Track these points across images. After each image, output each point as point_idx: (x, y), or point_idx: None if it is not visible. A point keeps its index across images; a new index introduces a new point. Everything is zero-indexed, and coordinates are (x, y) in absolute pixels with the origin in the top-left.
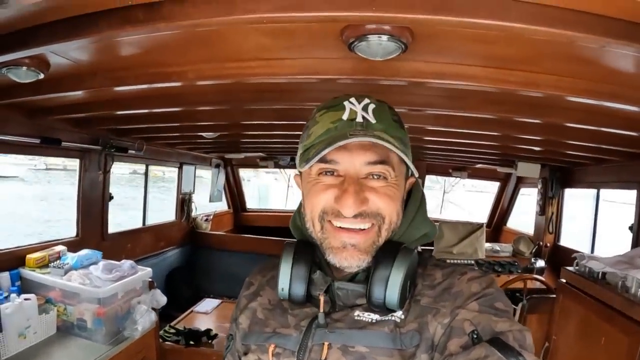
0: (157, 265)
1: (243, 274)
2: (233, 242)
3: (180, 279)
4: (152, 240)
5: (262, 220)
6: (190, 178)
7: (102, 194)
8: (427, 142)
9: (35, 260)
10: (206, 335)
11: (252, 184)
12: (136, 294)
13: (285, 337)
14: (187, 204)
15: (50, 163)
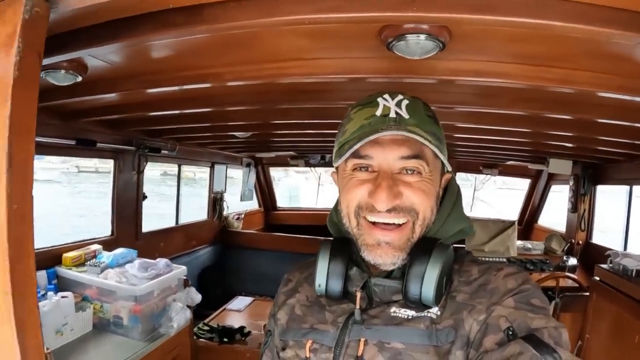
0: (189, 264)
1: (274, 272)
2: (264, 241)
3: (212, 277)
4: (184, 239)
5: (292, 219)
6: (221, 177)
7: (136, 193)
8: (458, 139)
9: (71, 259)
10: (240, 332)
11: (282, 183)
12: (171, 291)
13: (323, 333)
14: (218, 203)
15: (82, 166)
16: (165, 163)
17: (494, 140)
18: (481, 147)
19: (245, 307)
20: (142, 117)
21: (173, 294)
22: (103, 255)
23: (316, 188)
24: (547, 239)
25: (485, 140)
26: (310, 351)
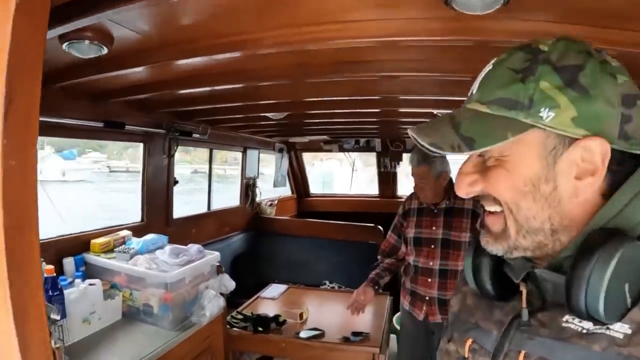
0: (221, 250)
1: (307, 260)
2: (297, 227)
3: (245, 265)
4: (217, 226)
5: (325, 206)
6: (254, 162)
7: (167, 178)
8: None
9: (100, 245)
10: (275, 321)
11: (315, 169)
12: (204, 278)
13: (485, 333)
14: (251, 189)
15: (113, 166)
16: (197, 147)
17: None
18: None
19: (280, 295)
20: (172, 96)
21: (205, 281)
22: (132, 242)
23: (350, 174)
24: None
25: None
26: (469, 351)
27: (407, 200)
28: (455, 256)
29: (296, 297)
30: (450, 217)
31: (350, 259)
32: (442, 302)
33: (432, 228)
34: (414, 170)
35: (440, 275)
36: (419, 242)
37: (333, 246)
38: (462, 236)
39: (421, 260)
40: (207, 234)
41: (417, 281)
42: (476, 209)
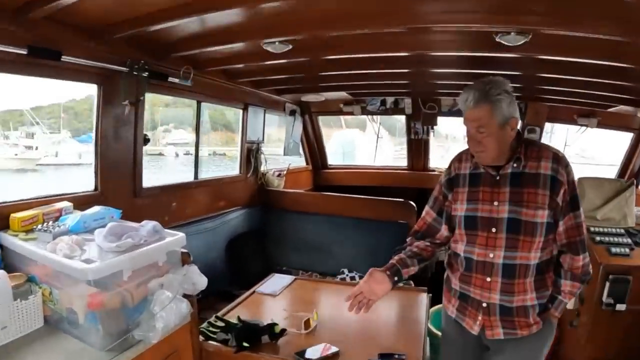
0: (214, 230)
1: (323, 242)
2: (312, 203)
3: (246, 247)
4: (209, 199)
5: (346, 179)
6: (258, 124)
7: (133, 134)
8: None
9: (21, 221)
10: (268, 331)
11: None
12: (157, 272)
13: None
14: (254, 156)
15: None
16: (177, 95)
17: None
18: (581, 85)
19: (283, 289)
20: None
21: (159, 276)
22: (68, 217)
23: (375, 142)
24: None
25: (586, 71)
26: None
27: (455, 162)
28: (528, 245)
29: (304, 293)
30: (520, 187)
31: (376, 241)
32: (507, 311)
33: (493, 203)
34: (469, 113)
35: (505, 273)
36: (473, 223)
37: (355, 226)
38: (537, 215)
39: (476, 251)
40: (194, 208)
41: (470, 280)
42: (557, 174)
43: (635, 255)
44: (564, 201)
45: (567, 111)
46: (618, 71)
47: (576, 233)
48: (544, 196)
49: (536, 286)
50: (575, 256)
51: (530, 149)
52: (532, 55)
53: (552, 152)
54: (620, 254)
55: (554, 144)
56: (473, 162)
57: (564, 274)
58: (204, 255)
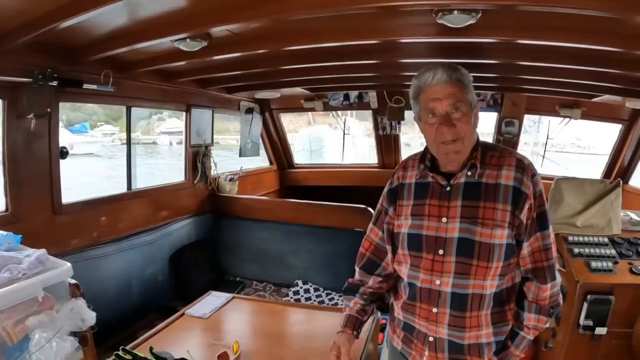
0: (154, 243)
1: (278, 250)
2: (266, 209)
3: (194, 258)
4: (147, 210)
5: (314, 179)
6: (205, 125)
7: (48, 148)
8: (528, 66)
9: None
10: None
11: (300, 136)
12: (38, 308)
13: None
14: (200, 160)
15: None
16: (100, 103)
17: (588, 53)
18: (565, 72)
19: (214, 310)
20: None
21: (37, 314)
22: None
23: (341, 139)
24: None
25: (574, 57)
26: None
27: (399, 170)
28: (482, 271)
29: (237, 317)
30: (476, 201)
31: (330, 250)
32: (457, 348)
33: (441, 219)
34: (441, 88)
35: (454, 304)
36: (417, 243)
37: (309, 234)
38: (495, 235)
39: (421, 276)
40: (130, 222)
41: (414, 310)
42: (521, 185)
43: (619, 269)
44: (530, 218)
45: (548, 101)
46: (602, 56)
47: (544, 257)
48: (504, 212)
49: (493, 320)
50: (542, 285)
51: (489, 155)
52: (509, 39)
53: (515, 158)
54: (601, 269)
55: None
56: (421, 169)
57: (527, 306)
58: (141, 270)
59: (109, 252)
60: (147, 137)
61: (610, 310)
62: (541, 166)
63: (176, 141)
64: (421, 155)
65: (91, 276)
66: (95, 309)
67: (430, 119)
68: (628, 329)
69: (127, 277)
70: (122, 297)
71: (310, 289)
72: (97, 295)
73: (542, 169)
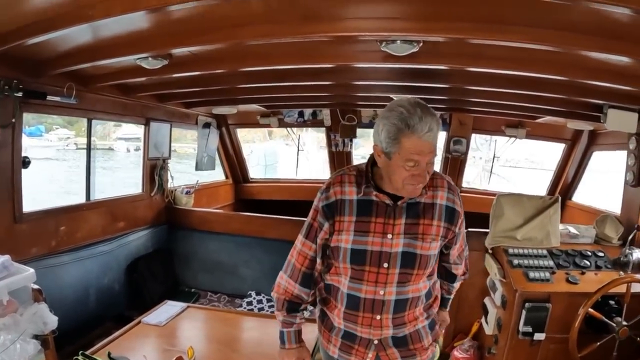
0: (111, 253)
1: (231, 261)
2: (222, 221)
3: (150, 268)
4: (105, 221)
5: (268, 193)
6: (163, 139)
7: (10, 157)
8: (473, 83)
9: None
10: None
11: (257, 149)
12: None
13: None
14: (158, 173)
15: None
16: (63, 114)
17: (525, 79)
18: (506, 96)
19: (170, 319)
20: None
21: (2, 317)
22: None
23: (296, 155)
24: (599, 223)
25: (512, 82)
26: None
27: (335, 185)
28: (419, 277)
29: (192, 325)
30: (416, 218)
31: (281, 262)
32: (401, 341)
33: (386, 236)
34: (429, 145)
35: (397, 308)
36: (361, 258)
37: (261, 246)
38: (431, 247)
39: (364, 288)
40: (88, 232)
41: (357, 320)
42: (454, 204)
43: (556, 279)
44: (459, 227)
45: (493, 122)
46: (539, 82)
47: (463, 244)
48: (439, 227)
49: (425, 308)
50: (463, 262)
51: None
52: (451, 66)
53: (446, 180)
54: (539, 279)
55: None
56: (363, 189)
57: (458, 279)
58: (98, 279)
59: (67, 261)
60: (103, 142)
61: (548, 316)
62: (488, 183)
63: (133, 148)
64: (359, 172)
65: (50, 284)
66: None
67: (408, 166)
68: (565, 334)
69: (85, 285)
70: (79, 305)
71: (263, 299)
72: (56, 303)
73: (489, 185)
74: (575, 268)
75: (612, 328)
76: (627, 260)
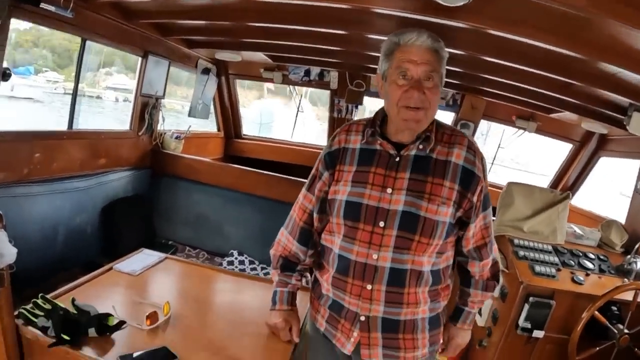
0: (87, 191)
1: (216, 217)
2: (212, 173)
3: (127, 214)
4: (84, 155)
5: (260, 152)
6: (159, 76)
7: None
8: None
9: None
10: (97, 324)
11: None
12: None
13: None
14: (149, 111)
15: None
16: (53, 28)
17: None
18: (531, 78)
19: (144, 268)
20: None
21: None
22: None
23: (294, 116)
24: (605, 227)
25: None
26: None
27: (341, 133)
28: (423, 247)
29: (169, 278)
30: (424, 175)
31: (270, 223)
32: (391, 326)
33: (385, 190)
34: (422, 52)
35: (392, 280)
36: (355, 212)
37: (250, 203)
38: (439, 212)
39: (356, 249)
40: (65, 163)
41: (345, 287)
42: (474, 167)
43: (561, 277)
44: (479, 200)
45: (506, 110)
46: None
47: (486, 234)
48: (451, 190)
49: (431, 297)
50: (485, 260)
51: (441, 132)
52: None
53: (467, 139)
54: (544, 274)
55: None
56: (368, 134)
57: (474, 284)
58: (70, 218)
59: (38, 192)
60: (91, 89)
61: (550, 314)
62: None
63: (122, 98)
64: (368, 121)
65: (15, 216)
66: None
67: (400, 79)
68: (563, 335)
69: (54, 223)
70: (45, 245)
71: (246, 260)
72: (19, 238)
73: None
74: (580, 268)
75: (613, 335)
76: (631, 268)
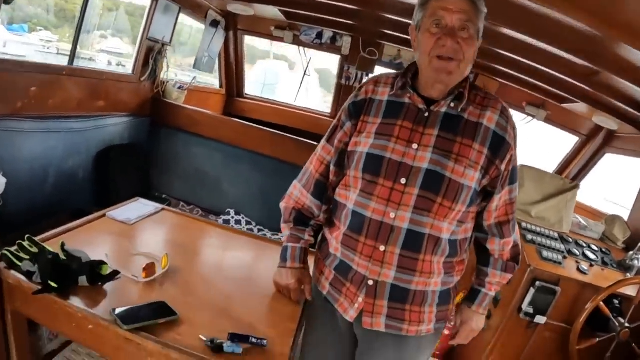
0: (82, 133)
1: (214, 173)
2: (214, 127)
3: (122, 162)
4: (83, 94)
5: (261, 113)
6: (168, 22)
7: None
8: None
9: None
10: (89, 272)
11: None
12: None
13: None
14: (154, 57)
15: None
16: None
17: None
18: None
19: (139, 218)
20: None
21: None
22: None
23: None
24: (609, 221)
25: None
26: None
27: (369, 84)
28: (444, 211)
29: (166, 229)
30: (453, 134)
31: (271, 184)
32: (400, 295)
33: (411, 145)
34: (453, 0)
35: (408, 243)
36: (376, 166)
37: (252, 161)
38: (466, 175)
39: (373, 205)
40: (61, 101)
41: (356, 246)
42: (505, 133)
43: (567, 265)
44: (507, 170)
45: (518, 95)
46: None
47: (510, 210)
48: (480, 154)
49: (445, 269)
50: (507, 238)
51: (475, 93)
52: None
53: (501, 104)
54: (552, 259)
55: None
56: (398, 86)
57: (493, 263)
58: (62, 160)
59: (30, 129)
60: (85, 52)
61: (554, 301)
62: None
63: (115, 62)
64: (398, 74)
65: (4, 151)
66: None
67: (433, 28)
68: (563, 323)
69: (45, 163)
70: (34, 186)
71: (242, 220)
72: (7, 176)
73: None
74: (584, 259)
75: (614, 327)
76: (632, 264)
